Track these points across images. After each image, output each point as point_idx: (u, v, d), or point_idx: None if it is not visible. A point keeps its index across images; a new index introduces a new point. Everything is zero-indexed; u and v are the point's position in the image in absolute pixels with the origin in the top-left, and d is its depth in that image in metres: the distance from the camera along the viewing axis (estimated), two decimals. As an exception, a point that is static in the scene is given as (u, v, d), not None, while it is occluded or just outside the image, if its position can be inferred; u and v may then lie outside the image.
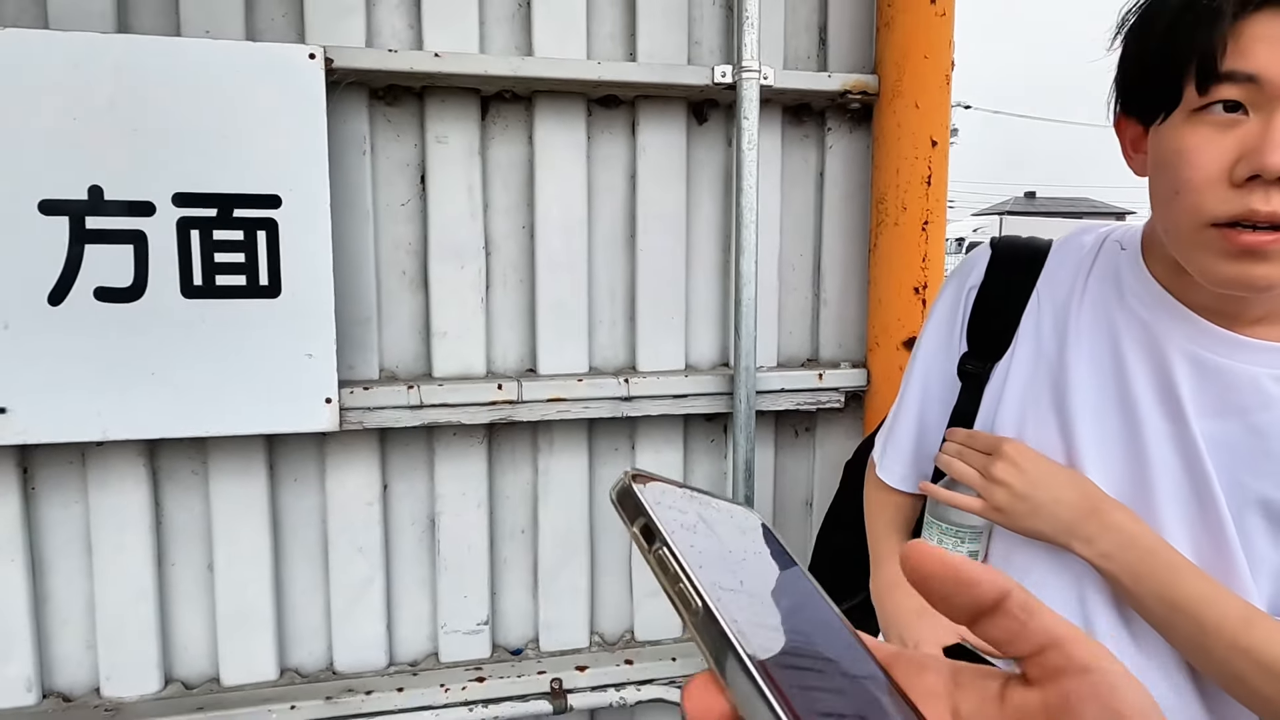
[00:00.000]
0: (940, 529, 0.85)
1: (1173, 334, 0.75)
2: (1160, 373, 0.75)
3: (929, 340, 0.94)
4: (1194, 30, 0.64)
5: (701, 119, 1.69)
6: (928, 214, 1.60)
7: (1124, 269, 0.80)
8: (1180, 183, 0.66)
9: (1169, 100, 0.67)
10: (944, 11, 1.56)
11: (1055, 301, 0.83)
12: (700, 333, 1.73)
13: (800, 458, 1.82)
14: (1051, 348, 0.82)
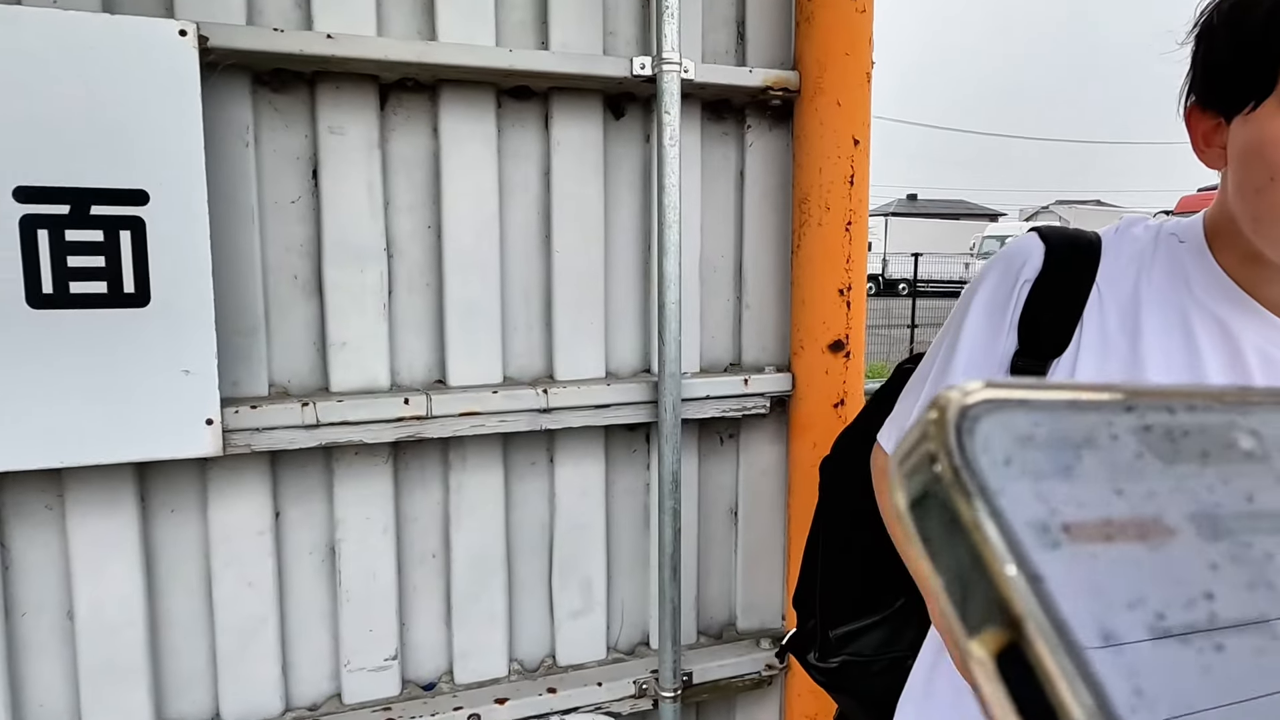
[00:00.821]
0: None
1: (1245, 329, 0.75)
2: (1236, 367, 0.75)
3: (970, 334, 0.89)
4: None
5: (618, 113, 1.61)
6: (851, 214, 1.57)
7: (1189, 263, 0.79)
8: (1276, 169, 0.66)
9: (1262, 89, 0.67)
10: (864, 8, 1.53)
11: (1119, 296, 0.81)
12: (620, 338, 1.65)
13: (724, 465, 1.77)
14: (1121, 343, 0.80)
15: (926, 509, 0.17)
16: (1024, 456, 0.18)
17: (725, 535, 1.79)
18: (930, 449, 0.17)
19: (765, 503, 1.78)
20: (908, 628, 1.04)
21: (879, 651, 1.06)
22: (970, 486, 0.17)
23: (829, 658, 1.10)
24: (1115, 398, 0.19)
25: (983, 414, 0.18)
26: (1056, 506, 0.17)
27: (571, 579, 1.65)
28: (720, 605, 1.80)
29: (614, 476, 1.68)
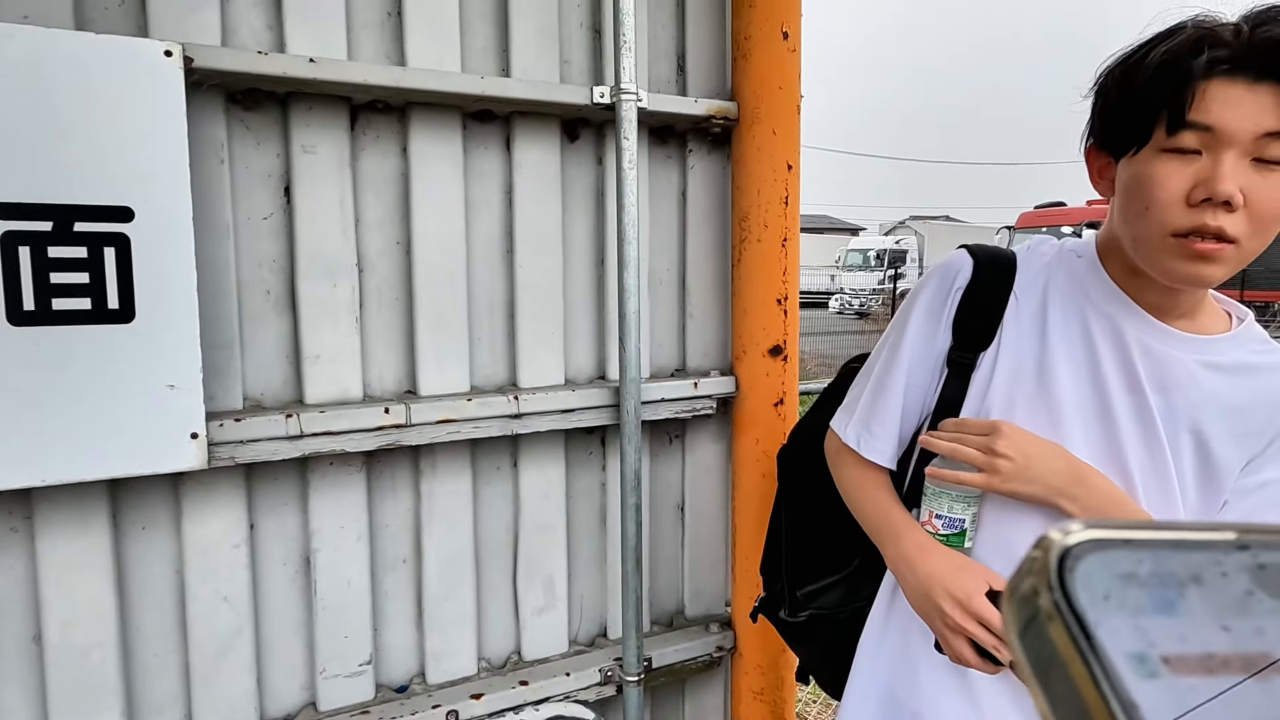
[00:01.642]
0: (951, 496, 0.99)
1: (1130, 327, 0.94)
2: (1123, 357, 0.94)
3: (913, 332, 1.06)
4: (1168, 87, 0.82)
5: (573, 137, 1.72)
6: (786, 231, 1.74)
7: (1085, 274, 0.98)
8: (1151, 201, 0.85)
9: (1143, 138, 0.85)
10: (794, 47, 1.71)
11: (1032, 301, 1.00)
12: (578, 346, 1.75)
13: (672, 464, 1.90)
14: (1034, 339, 0.98)
15: (1031, 638, 0.19)
16: (1125, 592, 0.19)
17: (673, 529, 1.92)
18: (1033, 583, 0.19)
19: (709, 497, 1.92)
20: (865, 583, 1.20)
21: (841, 604, 1.23)
22: (1069, 619, 0.18)
23: (798, 613, 1.26)
24: (1227, 537, 0.20)
25: (1084, 552, 0.19)
26: (1156, 639, 0.18)
27: (535, 578, 1.74)
28: (670, 595, 1.93)
29: (573, 478, 1.78)
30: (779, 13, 1.69)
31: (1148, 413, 0.93)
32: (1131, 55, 0.89)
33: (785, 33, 1.70)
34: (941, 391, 1.04)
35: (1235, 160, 0.81)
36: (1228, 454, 0.94)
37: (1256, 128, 0.80)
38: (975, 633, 0.93)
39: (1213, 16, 0.85)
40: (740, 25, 1.73)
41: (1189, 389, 0.93)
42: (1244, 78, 0.80)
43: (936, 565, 0.98)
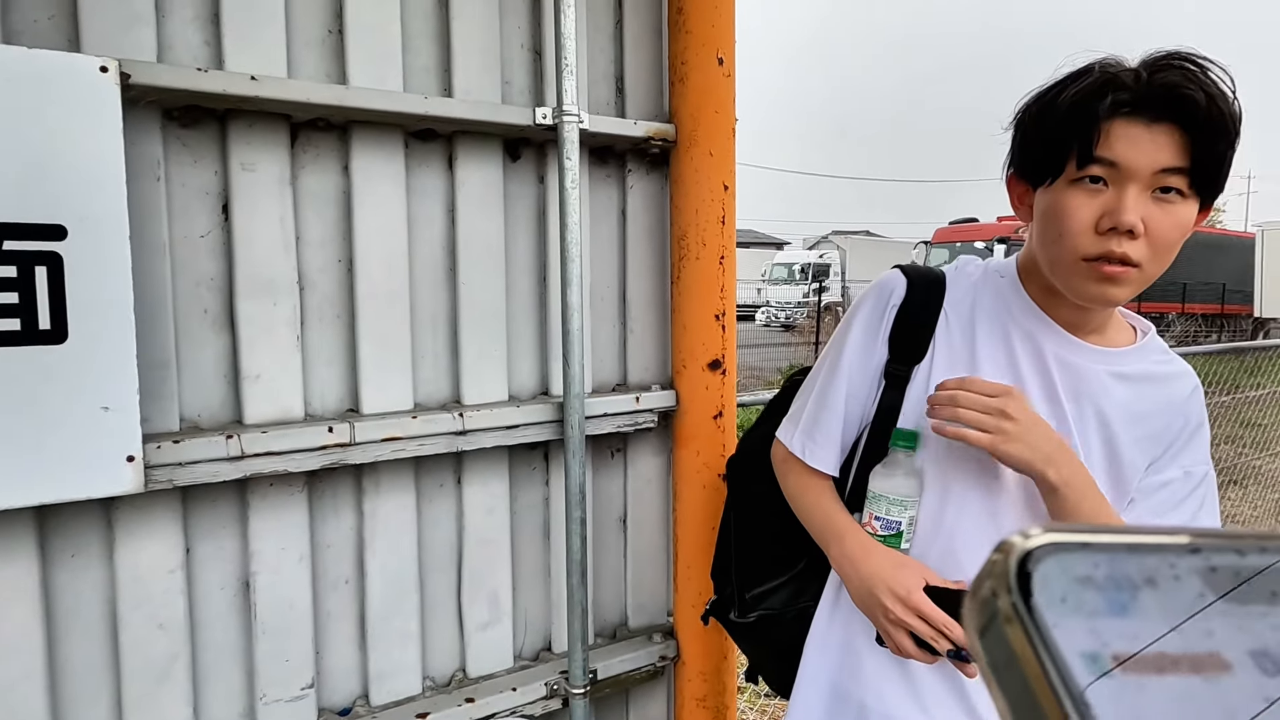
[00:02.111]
0: (889, 501, 1.05)
1: (1048, 341, 1.03)
2: (1042, 369, 1.03)
3: (852, 347, 1.14)
4: (1078, 126, 0.91)
5: (514, 156, 1.74)
6: (723, 250, 1.80)
7: (1008, 293, 1.07)
8: (1064, 229, 0.94)
9: (1056, 170, 0.94)
10: (729, 73, 1.78)
11: (960, 318, 1.08)
12: (521, 362, 1.77)
13: (614, 477, 1.93)
14: (963, 352, 1.07)
15: (991, 640, 0.20)
16: (1081, 595, 0.19)
17: (616, 542, 1.95)
18: (993, 586, 0.20)
19: (651, 509, 1.96)
20: (811, 583, 1.26)
21: (788, 605, 1.28)
22: (1026, 621, 0.19)
23: (747, 614, 1.32)
24: (1180, 541, 0.21)
25: (1043, 556, 0.20)
26: (1109, 640, 0.19)
27: (480, 593, 1.74)
28: (613, 607, 1.95)
29: (516, 493, 1.79)
30: (714, 39, 1.75)
31: (1063, 420, 1.01)
32: (1046, 94, 0.98)
33: (720, 59, 1.77)
34: (880, 402, 1.11)
35: (1137, 193, 0.90)
36: (1133, 456, 1.03)
37: (1154, 164, 0.89)
38: (914, 625, 0.99)
39: (1117, 61, 0.94)
40: (677, 50, 1.79)
41: (1099, 398, 1.02)
42: (1143, 119, 0.89)
43: (878, 564, 1.04)
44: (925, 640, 0.99)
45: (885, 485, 1.08)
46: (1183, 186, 0.90)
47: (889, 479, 1.08)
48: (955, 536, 1.07)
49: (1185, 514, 1.04)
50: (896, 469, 1.08)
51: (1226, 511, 5.70)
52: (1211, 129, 0.89)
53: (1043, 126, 0.97)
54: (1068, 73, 0.97)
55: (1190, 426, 1.06)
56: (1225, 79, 0.90)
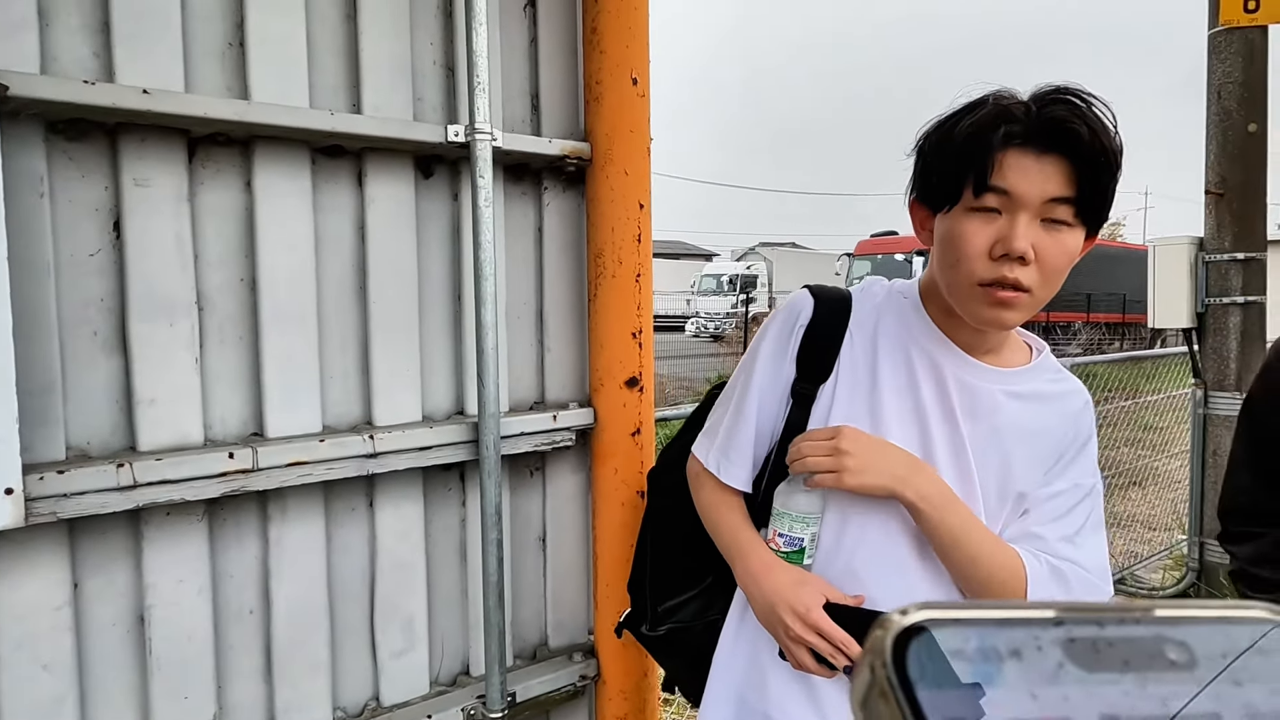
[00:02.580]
0: (791, 517, 1.07)
1: (947, 362, 1.07)
2: (941, 390, 1.06)
3: (763, 366, 1.16)
4: (974, 155, 0.95)
5: (427, 173, 1.72)
6: (639, 267, 1.81)
7: (910, 314, 1.11)
8: (960, 255, 0.97)
9: (954, 198, 0.98)
10: (644, 93, 1.80)
11: (864, 337, 1.11)
12: (435, 382, 1.74)
13: (532, 496, 1.91)
14: (865, 373, 1.09)
15: (869, 710, 0.22)
16: (951, 668, 0.21)
17: (535, 562, 1.93)
18: (871, 660, 0.22)
19: (570, 528, 1.95)
20: (719, 597, 1.28)
21: (697, 617, 1.30)
22: (898, 695, 0.21)
23: (658, 627, 1.33)
24: (1046, 615, 0.23)
25: (918, 631, 0.22)
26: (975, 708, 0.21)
27: (394, 619, 1.70)
28: (532, 627, 1.93)
29: (431, 515, 1.76)
30: (628, 60, 1.77)
31: (959, 439, 1.06)
32: (943, 124, 1.02)
33: (634, 79, 1.78)
34: (788, 419, 1.13)
35: (1028, 221, 0.94)
36: (1027, 471, 1.08)
37: (1044, 193, 0.94)
38: (814, 642, 1.02)
39: (1010, 93, 0.99)
40: (591, 70, 1.80)
41: (995, 416, 1.06)
42: (1033, 150, 0.94)
43: (779, 581, 1.06)
44: (824, 656, 1.02)
45: (788, 502, 1.10)
46: (1069, 216, 0.95)
47: (792, 496, 1.10)
48: (856, 553, 1.09)
49: (1074, 524, 1.09)
50: (799, 486, 1.10)
51: (1129, 511, 6.00)
52: (1095, 162, 0.94)
53: (941, 155, 1.01)
54: (964, 104, 1.02)
55: (1080, 440, 1.11)
56: (1108, 114, 0.96)
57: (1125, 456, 6.49)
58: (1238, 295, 4.20)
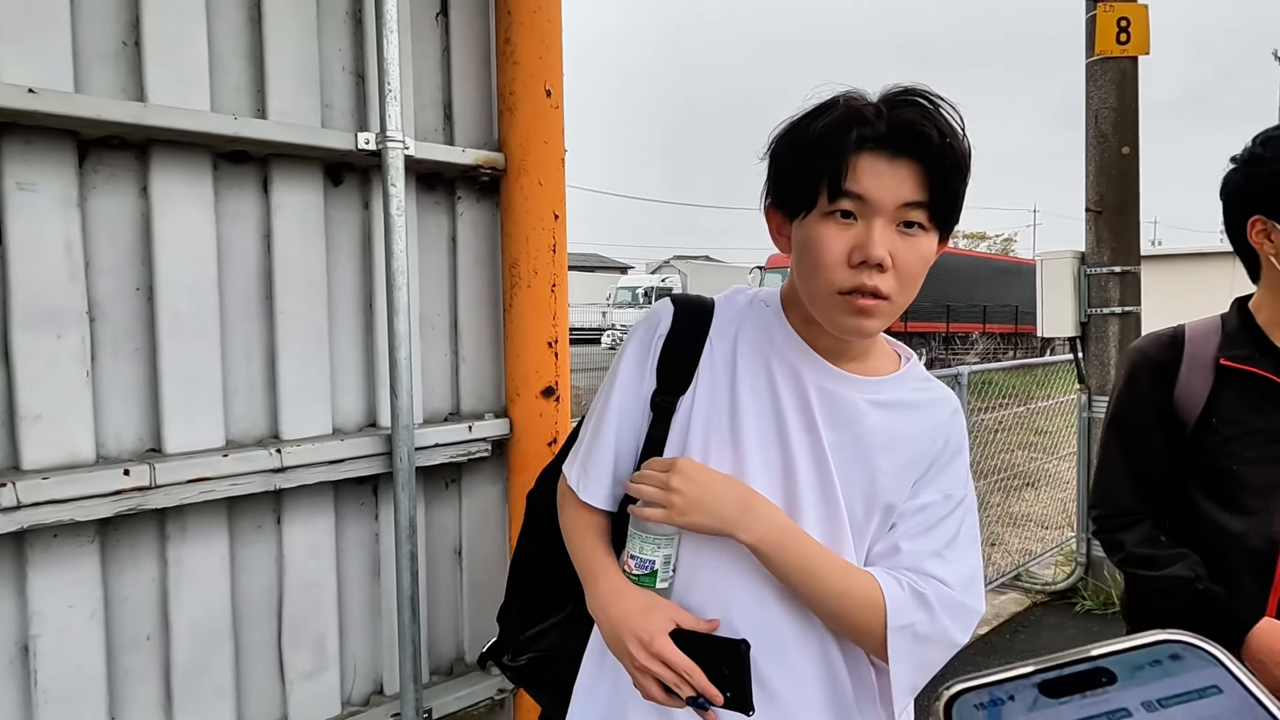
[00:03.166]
0: (641, 538, 1.01)
1: (808, 371, 1.03)
2: (801, 399, 1.02)
3: (623, 379, 1.10)
4: (827, 160, 0.92)
5: (336, 181, 1.68)
6: (555, 278, 1.82)
7: (771, 322, 1.07)
8: (818, 263, 0.94)
9: (809, 203, 0.95)
10: (557, 104, 1.81)
11: (724, 347, 1.06)
12: (346, 394, 1.70)
13: (448, 509, 1.89)
14: (724, 383, 1.04)
15: None
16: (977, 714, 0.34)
17: (451, 575, 1.91)
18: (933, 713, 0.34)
19: (488, 539, 1.93)
20: (579, 626, 1.16)
21: (560, 646, 1.18)
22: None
23: (519, 656, 1.22)
24: (1027, 670, 0.35)
25: (956, 697, 0.34)
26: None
27: (303, 639, 1.65)
28: (448, 642, 1.90)
29: (343, 530, 1.71)
30: (541, 72, 1.78)
31: (821, 449, 1.01)
32: (795, 127, 0.99)
33: (548, 90, 1.80)
34: (648, 433, 1.08)
35: (884, 226, 0.92)
36: (893, 482, 1.04)
37: (897, 198, 0.92)
38: (658, 671, 0.96)
39: (860, 95, 0.97)
40: (505, 81, 1.80)
41: (857, 425, 1.02)
42: (885, 153, 0.92)
43: (626, 608, 1.00)
44: (670, 686, 0.96)
45: (640, 522, 1.02)
46: (924, 220, 0.93)
47: None
48: (717, 576, 1.03)
49: (943, 537, 1.03)
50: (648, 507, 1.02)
51: (1023, 511, 6.31)
52: (946, 164, 0.92)
53: (795, 159, 0.98)
54: (814, 105, 0.98)
55: (950, 450, 1.08)
56: (956, 116, 0.95)
57: (1019, 459, 6.83)
58: (1116, 306, 4.50)
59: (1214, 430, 1.32)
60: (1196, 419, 1.33)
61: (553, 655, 1.19)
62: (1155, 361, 1.39)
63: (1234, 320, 1.36)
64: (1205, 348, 1.35)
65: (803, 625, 1.02)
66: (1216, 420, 1.32)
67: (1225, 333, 1.35)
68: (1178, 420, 1.35)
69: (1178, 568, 1.28)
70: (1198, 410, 1.33)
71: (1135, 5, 4.34)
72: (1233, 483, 1.30)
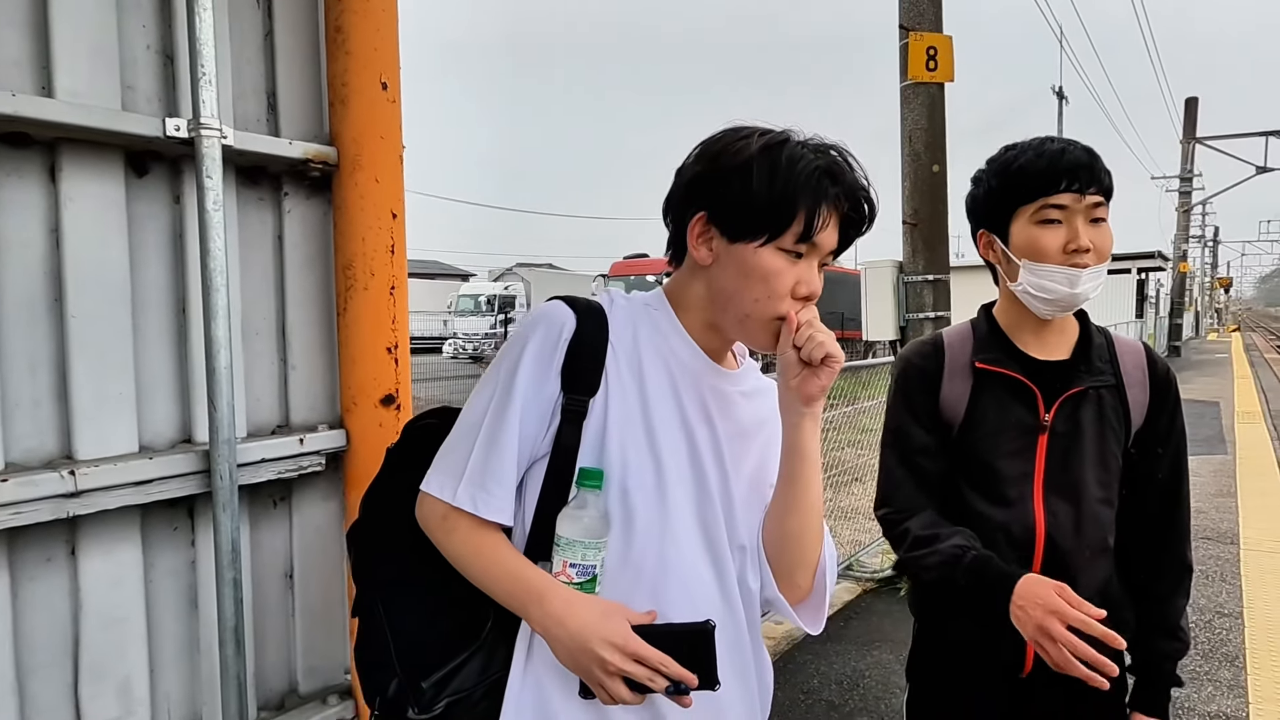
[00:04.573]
0: (584, 545, 1.03)
1: (703, 371, 1.12)
2: (699, 397, 1.12)
3: (524, 383, 1.06)
4: (806, 208, 1.02)
5: (141, 171, 1.52)
6: (394, 279, 1.73)
7: (665, 325, 1.14)
8: (770, 291, 1.04)
9: (773, 234, 1.03)
10: (394, 98, 1.73)
11: (625, 348, 1.11)
12: (155, 407, 1.53)
13: (277, 529, 1.74)
14: (633, 386, 1.10)
15: None
16: None
17: (281, 601, 1.76)
18: None
19: (323, 560, 1.80)
20: (499, 647, 1.10)
21: (480, 679, 1.10)
22: None
23: (431, 707, 1.08)
24: None
25: None
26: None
27: (105, 683, 1.46)
28: (279, 673, 1.76)
29: (153, 559, 1.54)
30: (377, 63, 1.69)
31: (717, 440, 1.12)
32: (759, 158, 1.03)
33: (384, 83, 1.71)
34: (557, 439, 1.06)
35: (817, 266, 1.07)
36: (767, 456, 1.17)
37: (831, 246, 1.07)
38: (633, 671, 0.97)
39: (815, 143, 1.06)
40: (337, 71, 1.70)
41: (737, 413, 1.15)
42: (838, 209, 1.05)
43: (586, 616, 0.99)
44: (640, 682, 0.98)
45: (578, 529, 1.02)
46: (830, 261, 1.10)
47: (579, 521, 1.02)
48: (643, 569, 1.07)
49: None
50: (586, 510, 1.03)
51: (851, 504, 6.71)
52: (864, 226, 1.10)
53: (765, 194, 1.03)
54: (766, 140, 1.05)
55: None
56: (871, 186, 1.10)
57: (848, 456, 7.26)
58: (930, 311, 4.88)
59: (975, 427, 1.42)
60: (961, 419, 1.43)
61: (473, 692, 1.09)
62: (920, 368, 1.48)
63: (983, 326, 1.48)
64: (962, 352, 1.46)
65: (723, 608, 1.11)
66: (977, 418, 1.42)
67: (977, 337, 1.47)
68: (944, 421, 1.45)
69: (955, 539, 1.36)
70: (961, 411, 1.43)
71: (941, 36, 4.74)
72: (994, 476, 1.40)
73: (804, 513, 1.12)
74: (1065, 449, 1.39)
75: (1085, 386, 1.39)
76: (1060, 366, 1.42)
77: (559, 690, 1.07)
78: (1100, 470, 1.40)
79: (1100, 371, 1.41)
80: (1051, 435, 1.39)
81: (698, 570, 1.10)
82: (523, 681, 1.09)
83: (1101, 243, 1.34)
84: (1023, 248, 1.36)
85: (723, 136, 1.09)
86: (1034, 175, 1.34)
